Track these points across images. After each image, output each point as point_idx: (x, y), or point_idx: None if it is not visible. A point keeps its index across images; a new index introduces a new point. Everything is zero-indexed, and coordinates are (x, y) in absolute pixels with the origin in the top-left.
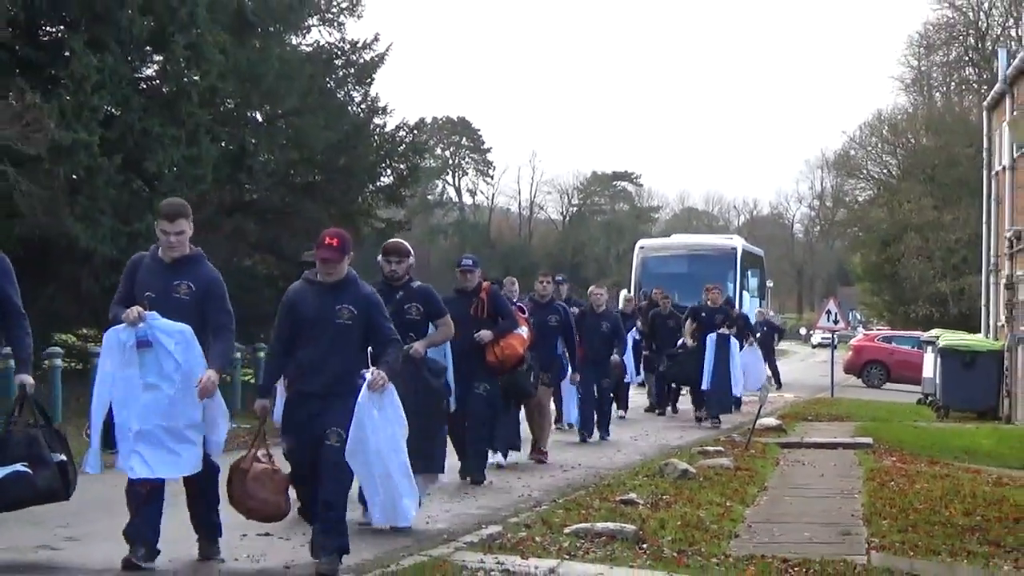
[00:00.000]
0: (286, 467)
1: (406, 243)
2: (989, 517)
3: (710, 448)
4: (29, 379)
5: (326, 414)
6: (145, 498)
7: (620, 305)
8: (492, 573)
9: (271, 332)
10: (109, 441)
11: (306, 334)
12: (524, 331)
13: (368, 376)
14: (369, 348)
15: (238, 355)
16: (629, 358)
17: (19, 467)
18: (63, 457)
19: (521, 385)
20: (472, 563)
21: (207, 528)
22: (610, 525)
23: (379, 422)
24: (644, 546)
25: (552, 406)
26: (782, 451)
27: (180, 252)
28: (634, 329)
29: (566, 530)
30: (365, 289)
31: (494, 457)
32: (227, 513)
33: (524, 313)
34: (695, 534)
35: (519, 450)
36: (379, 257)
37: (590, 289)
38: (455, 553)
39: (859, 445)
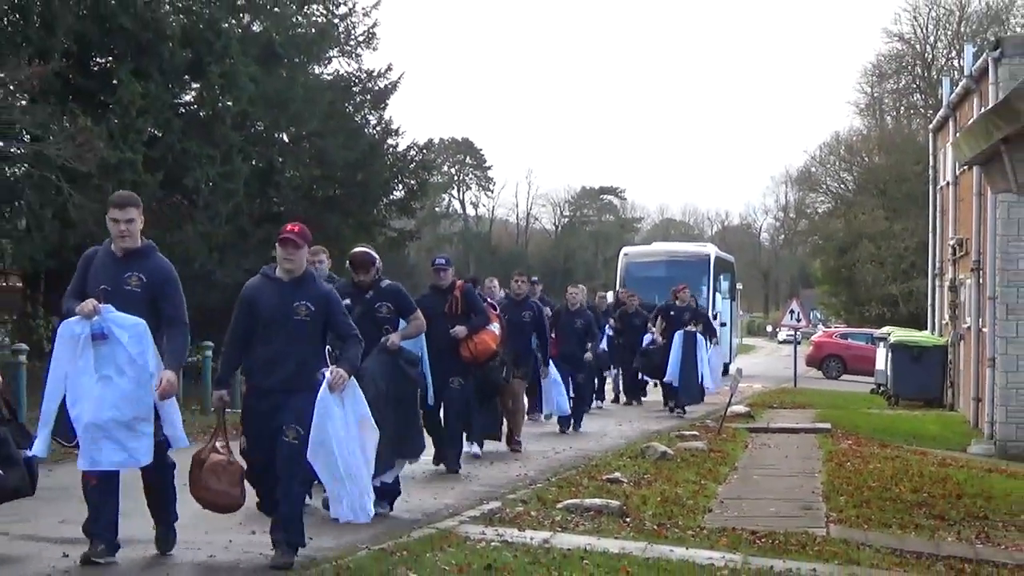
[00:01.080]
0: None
1: (371, 252)
2: (934, 494)
3: (686, 432)
4: None
5: (284, 410)
6: (99, 491)
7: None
8: (492, 543)
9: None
10: (60, 430)
11: (264, 330)
12: (496, 327)
13: (328, 376)
14: (328, 347)
15: None
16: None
17: None
18: (29, 453)
19: (494, 378)
20: (474, 535)
21: (163, 522)
22: (597, 501)
23: (340, 421)
24: (628, 519)
25: (525, 399)
26: (750, 435)
27: (131, 243)
28: (607, 325)
29: (558, 505)
30: (323, 287)
31: (471, 448)
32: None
33: (496, 310)
34: (673, 509)
35: (499, 439)
36: (349, 266)
37: (567, 289)
38: (459, 526)
39: (819, 430)
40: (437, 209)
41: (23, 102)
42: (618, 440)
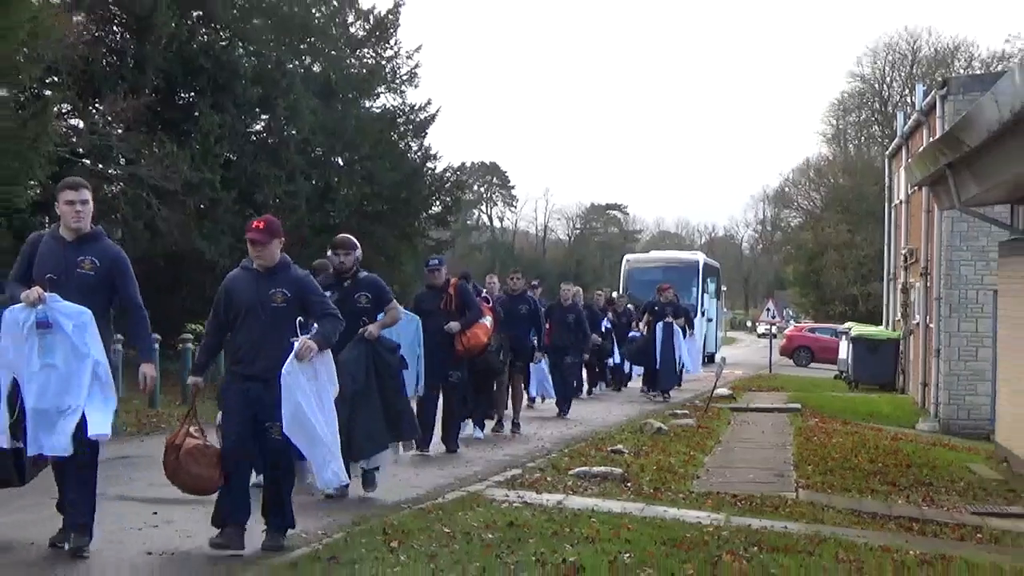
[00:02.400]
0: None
1: (352, 237)
2: (887, 464)
3: (679, 411)
4: None
5: (266, 405)
6: (56, 475)
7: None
8: (514, 504)
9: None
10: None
11: (242, 318)
12: (488, 320)
13: (296, 344)
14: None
15: None
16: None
17: None
18: (20, 444)
19: (491, 364)
20: (499, 497)
21: (75, 512)
22: (603, 469)
23: (311, 391)
24: (628, 484)
25: (521, 387)
26: (733, 414)
27: (84, 225)
28: (606, 318)
29: (570, 472)
30: (297, 272)
31: (474, 431)
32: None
33: (489, 303)
34: (667, 476)
35: (494, 419)
36: (328, 252)
37: (560, 286)
38: (486, 489)
39: (790, 409)
40: (468, 222)
41: (119, 131)
42: (620, 417)
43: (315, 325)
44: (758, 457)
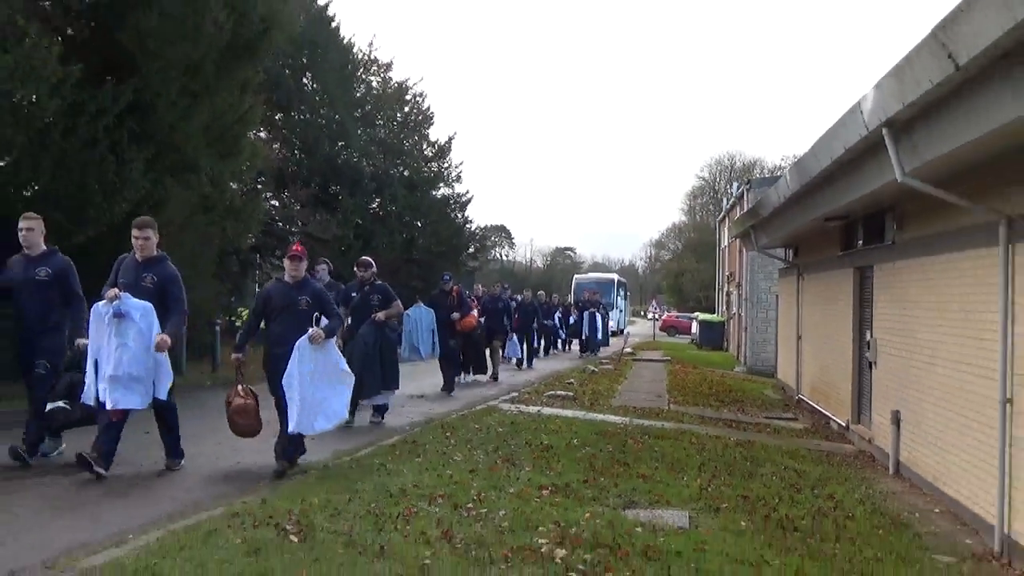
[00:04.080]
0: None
1: (369, 259)
2: (718, 390)
3: (603, 362)
4: (83, 341)
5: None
6: (112, 422)
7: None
8: (513, 412)
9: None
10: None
11: (276, 315)
12: (475, 312)
13: (310, 332)
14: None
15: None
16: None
17: (61, 403)
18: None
19: (476, 340)
20: (505, 408)
21: (167, 445)
22: (562, 392)
23: (316, 360)
24: (576, 401)
25: (500, 351)
26: (634, 363)
27: (148, 253)
28: (558, 311)
29: (544, 395)
30: (316, 286)
31: (469, 377)
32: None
33: (476, 302)
34: (598, 396)
35: (484, 372)
36: (355, 268)
37: (522, 291)
38: (499, 404)
39: (665, 360)
40: (489, 257)
41: (297, 207)
42: (570, 366)
43: (324, 320)
44: (647, 387)
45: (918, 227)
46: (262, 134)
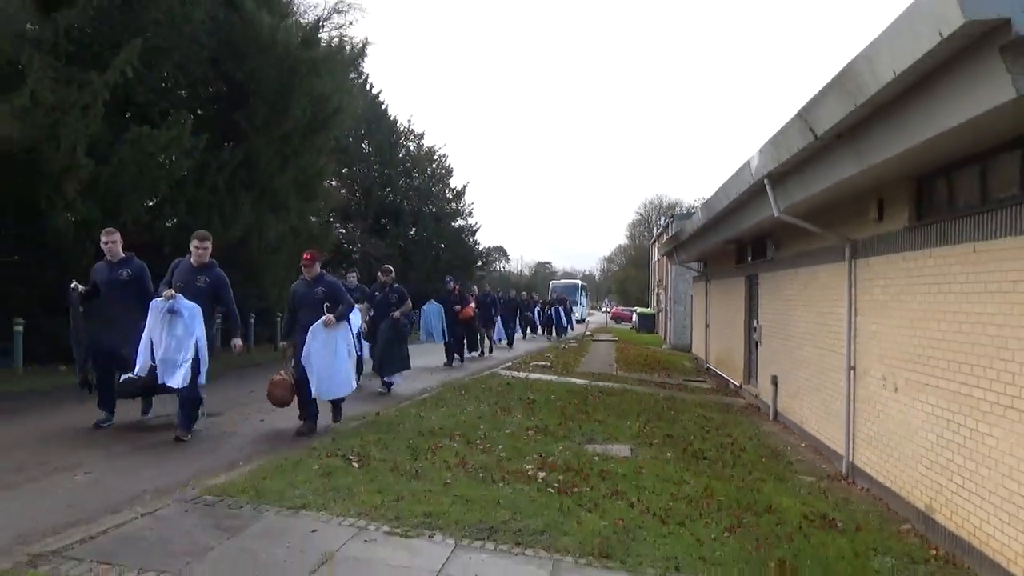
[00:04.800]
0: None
1: (389, 266)
2: (652, 361)
3: (571, 342)
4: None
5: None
6: (141, 390)
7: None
8: (508, 377)
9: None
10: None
11: (300, 306)
12: (472, 305)
13: (324, 317)
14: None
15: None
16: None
17: (131, 374)
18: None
19: (473, 327)
20: (503, 374)
21: (183, 418)
22: (543, 363)
23: (328, 339)
24: (552, 369)
25: (488, 337)
26: (592, 343)
27: (204, 259)
28: (537, 306)
29: (531, 364)
30: (329, 278)
31: (470, 354)
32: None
33: (473, 297)
34: (567, 365)
35: (478, 350)
36: (378, 273)
37: (510, 291)
38: (498, 371)
39: (614, 340)
40: (491, 269)
41: (358, 233)
42: (547, 345)
43: (338, 307)
44: (602, 359)
45: (789, 247)
46: (333, 183)
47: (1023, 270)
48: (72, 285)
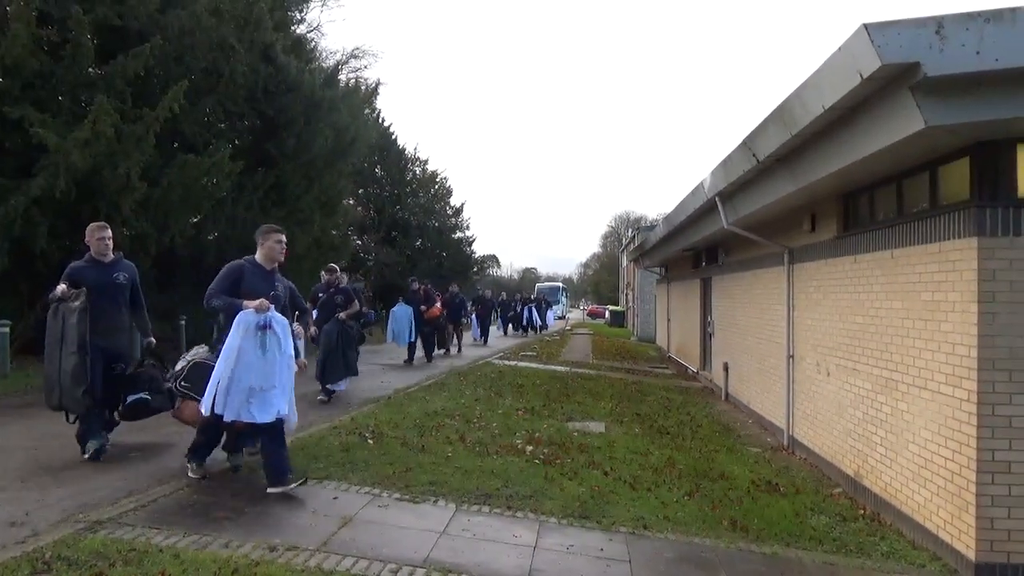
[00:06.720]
0: None
1: (335, 265)
2: (621, 351)
3: (553, 335)
4: (152, 340)
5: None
6: (238, 432)
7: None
8: (500, 365)
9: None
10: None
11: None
12: (439, 305)
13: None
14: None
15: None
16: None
17: (143, 395)
18: (170, 386)
19: (442, 325)
20: (495, 363)
21: (273, 467)
22: (530, 352)
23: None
24: (538, 358)
25: (458, 337)
26: (572, 336)
27: (279, 257)
28: (516, 303)
29: (519, 355)
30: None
31: (439, 352)
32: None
33: (441, 297)
34: (551, 355)
35: (444, 348)
36: (322, 271)
37: (483, 291)
38: (491, 359)
39: (590, 334)
40: (485, 274)
41: (372, 244)
42: (531, 339)
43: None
44: (580, 349)
45: (738, 254)
46: (351, 201)
47: (928, 272)
48: (52, 293)
